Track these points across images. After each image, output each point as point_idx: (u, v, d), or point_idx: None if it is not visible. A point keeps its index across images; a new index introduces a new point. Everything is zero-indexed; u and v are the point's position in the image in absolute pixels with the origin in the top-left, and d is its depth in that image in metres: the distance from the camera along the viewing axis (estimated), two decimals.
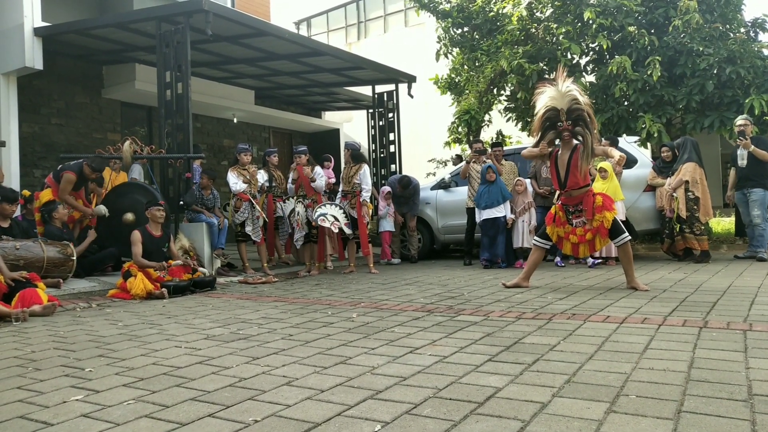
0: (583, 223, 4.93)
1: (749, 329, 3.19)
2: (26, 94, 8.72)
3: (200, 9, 6.71)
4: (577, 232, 4.95)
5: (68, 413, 2.16)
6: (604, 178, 7.08)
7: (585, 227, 4.93)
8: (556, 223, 5.08)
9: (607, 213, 4.86)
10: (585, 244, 4.98)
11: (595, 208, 4.88)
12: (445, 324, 3.63)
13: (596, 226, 4.87)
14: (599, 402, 2.08)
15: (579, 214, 4.95)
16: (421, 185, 9.00)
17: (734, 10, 9.29)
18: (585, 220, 4.92)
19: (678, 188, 6.93)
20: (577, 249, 5.07)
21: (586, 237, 4.93)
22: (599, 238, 4.92)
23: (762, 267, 6.29)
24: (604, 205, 4.90)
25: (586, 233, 4.92)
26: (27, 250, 5.52)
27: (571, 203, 5.00)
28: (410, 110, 15.28)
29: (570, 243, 5.04)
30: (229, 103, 11.44)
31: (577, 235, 4.95)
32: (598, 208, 4.88)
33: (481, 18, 10.77)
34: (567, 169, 4.87)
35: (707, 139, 13.29)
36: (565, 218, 5.02)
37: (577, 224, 4.95)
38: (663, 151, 7.45)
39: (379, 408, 2.09)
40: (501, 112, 11.49)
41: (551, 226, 5.12)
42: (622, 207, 7.24)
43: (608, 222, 4.84)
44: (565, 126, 4.78)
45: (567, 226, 5.01)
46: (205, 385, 2.45)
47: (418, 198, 8.73)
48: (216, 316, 4.25)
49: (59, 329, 3.92)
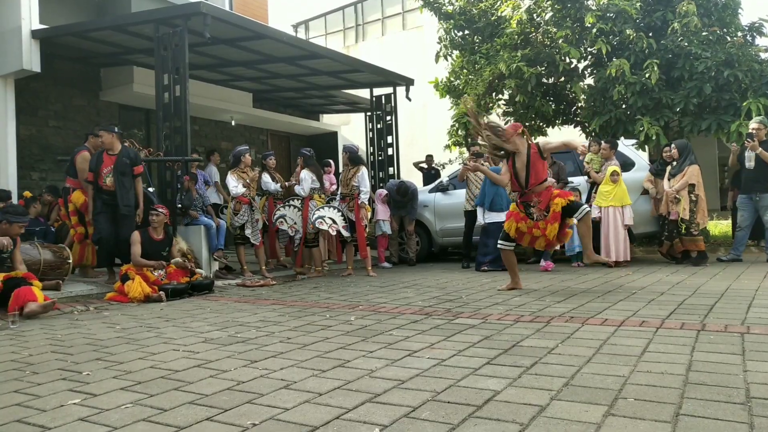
0: (544, 215, 5.02)
1: (747, 332, 3.19)
2: (24, 97, 8.70)
3: (198, 12, 6.71)
4: (540, 225, 5.04)
5: (66, 417, 2.15)
6: (614, 182, 7.10)
7: (546, 219, 5.02)
8: (515, 218, 5.15)
9: (557, 199, 4.96)
10: (543, 237, 5.06)
11: (549, 199, 4.98)
12: (443, 327, 3.63)
13: (551, 215, 4.97)
14: (597, 405, 2.08)
15: (538, 209, 5.05)
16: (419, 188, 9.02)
17: (732, 14, 9.32)
18: (541, 212, 5.02)
19: (682, 190, 6.94)
20: (535, 241, 5.13)
21: (547, 229, 5.01)
22: (550, 225, 4.97)
23: (760, 270, 6.30)
24: (559, 195, 5.03)
25: (547, 225, 5.01)
26: (24, 252, 5.50)
27: (530, 200, 5.09)
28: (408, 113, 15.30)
29: (531, 236, 5.11)
30: (227, 106, 11.43)
31: (540, 228, 5.04)
32: (553, 198, 4.99)
33: (483, 21, 10.79)
34: (527, 169, 5.01)
35: (704, 142, 13.31)
36: (524, 213, 5.10)
37: (538, 217, 5.04)
38: (670, 149, 7.39)
39: (377, 411, 2.09)
40: (500, 116, 11.51)
41: (509, 221, 5.18)
42: (630, 212, 7.25)
43: (558, 206, 4.94)
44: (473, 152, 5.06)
45: (529, 221, 5.08)
46: (203, 389, 2.44)
47: (416, 202, 8.73)
48: (214, 319, 4.24)
49: (57, 332, 3.90)
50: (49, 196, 7.70)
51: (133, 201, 6.06)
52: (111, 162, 5.96)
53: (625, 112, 9.24)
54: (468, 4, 11.10)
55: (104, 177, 5.95)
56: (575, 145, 5.40)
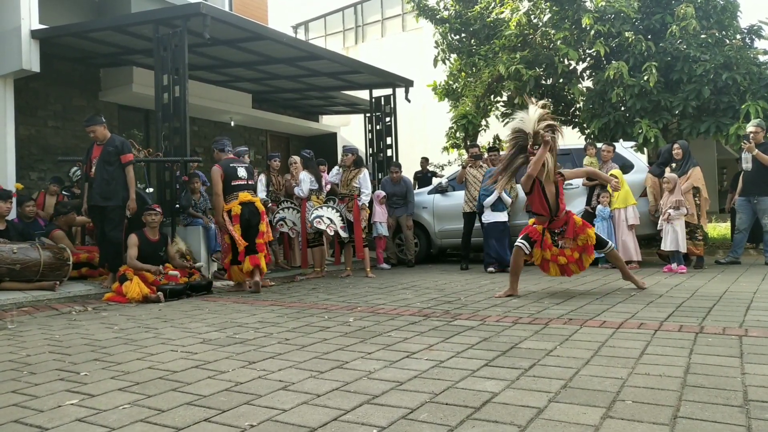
0: (567, 243, 5.10)
1: (745, 335, 3.19)
2: (23, 97, 8.70)
3: (198, 12, 6.71)
4: (566, 253, 5.11)
5: (63, 417, 2.15)
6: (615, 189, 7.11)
7: (571, 247, 5.10)
8: (543, 246, 5.15)
9: (588, 230, 5.11)
10: (574, 263, 5.16)
11: (577, 229, 5.06)
12: (441, 328, 3.63)
13: (581, 245, 5.08)
14: (595, 407, 2.08)
15: (562, 237, 5.11)
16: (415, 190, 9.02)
17: (730, 16, 9.34)
18: (567, 240, 5.09)
19: (686, 193, 6.93)
20: (568, 269, 5.21)
21: (574, 256, 5.12)
22: (585, 255, 5.13)
23: (758, 273, 6.31)
24: (583, 224, 5.15)
25: (573, 252, 5.11)
26: (24, 253, 5.51)
27: (555, 227, 5.12)
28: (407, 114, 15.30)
29: (558, 265, 5.18)
30: (227, 107, 11.43)
31: (566, 256, 5.12)
32: (580, 229, 5.07)
33: (479, 24, 10.81)
34: (556, 197, 5.03)
35: (703, 144, 13.35)
36: (551, 240, 5.14)
37: (563, 246, 5.10)
38: (674, 149, 7.37)
39: (375, 413, 2.09)
40: (498, 118, 11.52)
41: (538, 250, 5.18)
42: (635, 211, 7.26)
43: (592, 239, 5.08)
44: (530, 151, 4.90)
45: (554, 249, 5.13)
46: (201, 390, 2.44)
47: (411, 196, 8.74)
48: (212, 320, 4.24)
49: (55, 333, 3.90)
50: (54, 186, 7.64)
51: (114, 194, 5.72)
52: (99, 152, 5.78)
53: (624, 115, 9.25)
54: (462, 7, 11.12)
55: (93, 167, 5.77)
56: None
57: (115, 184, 5.77)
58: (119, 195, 5.78)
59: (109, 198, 5.75)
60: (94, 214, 5.93)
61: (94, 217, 5.98)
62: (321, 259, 7.48)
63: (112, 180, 5.75)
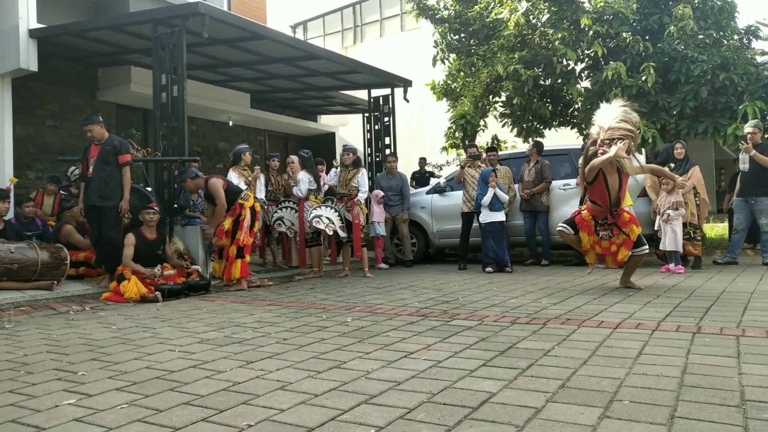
0: (609, 236, 5.11)
1: (742, 335, 3.20)
2: (21, 96, 8.68)
3: (196, 12, 6.70)
4: (603, 244, 5.14)
5: (60, 417, 2.14)
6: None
7: (611, 240, 5.11)
8: (587, 230, 5.18)
9: (634, 227, 5.09)
10: (610, 256, 5.19)
11: (623, 223, 5.07)
12: (439, 328, 3.63)
13: (623, 240, 5.08)
14: (593, 407, 2.08)
15: (606, 227, 5.11)
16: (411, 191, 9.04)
17: (728, 17, 9.36)
18: (611, 233, 5.10)
19: (687, 193, 6.94)
20: (603, 259, 5.28)
21: (611, 249, 5.13)
22: (623, 249, 5.12)
23: (755, 273, 6.32)
24: (631, 219, 5.13)
25: (611, 245, 5.12)
26: (21, 253, 5.51)
27: (600, 216, 5.13)
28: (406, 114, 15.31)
29: (595, 253, 5.24)
30: (225, 106, 11.43)
31: (602, 246, 5.15)
32: (625, 223, 5.07)
33: (478, 24, 10.81)
34: (618, 190, 5.04)
35: (701, 145, 13.36)
36: (593, 228, 5.16)
37: (603, 236, 5.12)
38: (676, 148, 7.37)
39: (373, 413, 2.09)
40: (497, 118, 11.53)
41: (585, 234, 5.20)
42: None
43: (635, 235, 5.07)
44: (599, 144, 4.94)
45: (594, 236, 5.16)
46: (199, 389, 2.44)
47: (407, 190, 8.77)
48: (210, 320, 4.23)
49: (52, 332, 3.90)
50: (52, 186, 7.61)
51: (112, 194, 5.72)
52: (97, 151, 5.78)
53: None
54: (462, 7, 11.13)
55: (90, 167, 5.76)
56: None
57: (113, 184, 5.77)
58: (117, 195, 5.78)
59: (106, 198, 5.74)
60: (91, 215, 5.90)
61: (91, 218, 5.95)
62: (319, 259, 7.47)
63: (110, 180, 5.74)
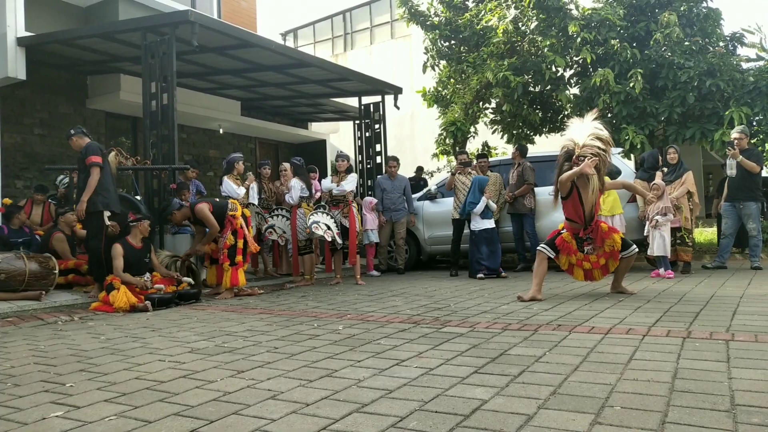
0: (593, 249, 5.13)
1: (732, 339, 3.22)
2: (8, 105, 8.62)
3: (186, 20, 6.69)
4: (591, 259, 5.15)
5: (47, 430, 2.12)
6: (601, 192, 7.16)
7: (597, 253, 5.13)
8: (569, 251, 5.18)
9: (615, 236, 5.12)
10: (599, 269, 5.21)
11: (603, 235, 5.08)
12: (431, 336, 3.63)
13: (608, 251, 5.10)
14: (584, 414, 2.08)
15: (589, 242, 5.13)
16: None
17: (713, 24, 9.47)
18: (595, 247, 5.12)
19: (681, 198, 6.99)
20: (591, 274, 5.26)
21: (600, 262, 5.16)
22: (611, 261, 5.16)
23: (744, 277, 6.37)
24: (610, 229, 5.18)
25: (599, 258, 5.14)
26: (8, 263, 5.45)
27: (579, 232, 5.14)
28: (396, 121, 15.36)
29: (583, 270, 5.23)
30: (215, 114, 11.40)
31: (591, 261, 5.16)
32: (606, 234, 5.09)
33: (469, 31, 10.88)
34: (593, 205, 5.06)
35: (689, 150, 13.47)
36: (576, 246, 5.17)
37: (588, 251, 5.14)
38: (669, 153, 7.42)
39: (364, 421, 2.08)
40: (487, 124, 11.58)
41: (565, 256, 5.20)
42: (621, 220, 7.31)
43: (618, 245, 5.09)
44: (574, 160, 4.96)
45: (579, 254, 5.17)
46: (189, 400, 2.42)
47: (410, 192, 8.85)
48: (200, 329, 4.20)
49: (40, 343, 3.85)
50: (39, 195, 7.53)
51: (90, 202, 5.61)
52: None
53: (611, 121, 9.33)
54: (453, 14, 11.20)
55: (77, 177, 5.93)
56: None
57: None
58: (95, 203, 5.66)
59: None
60: (83, 223, 5.92)
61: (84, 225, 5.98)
62: (311, 267, 7.45)
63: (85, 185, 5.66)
